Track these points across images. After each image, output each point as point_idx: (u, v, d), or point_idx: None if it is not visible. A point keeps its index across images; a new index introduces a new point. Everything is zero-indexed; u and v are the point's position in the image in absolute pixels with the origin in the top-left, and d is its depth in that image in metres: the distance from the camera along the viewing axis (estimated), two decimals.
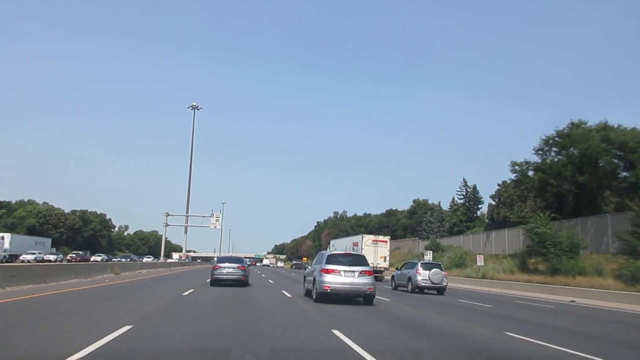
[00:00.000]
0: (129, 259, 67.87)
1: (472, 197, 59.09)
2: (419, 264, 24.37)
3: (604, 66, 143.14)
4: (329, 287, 14.10)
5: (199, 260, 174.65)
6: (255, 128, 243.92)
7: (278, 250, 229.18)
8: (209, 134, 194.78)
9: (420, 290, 23.66)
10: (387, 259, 41.18)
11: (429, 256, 43.72)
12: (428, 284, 23.32)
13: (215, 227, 54.23)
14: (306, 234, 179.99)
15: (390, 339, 8.37)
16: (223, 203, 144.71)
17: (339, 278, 14.16)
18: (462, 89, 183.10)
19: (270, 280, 30.89)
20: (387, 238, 43.10)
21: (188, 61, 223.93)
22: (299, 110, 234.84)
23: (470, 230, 55.87)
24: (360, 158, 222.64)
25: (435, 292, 23.66)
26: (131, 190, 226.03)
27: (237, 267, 21.39)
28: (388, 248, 41.89)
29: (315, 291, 14.82)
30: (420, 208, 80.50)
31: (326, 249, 50.22)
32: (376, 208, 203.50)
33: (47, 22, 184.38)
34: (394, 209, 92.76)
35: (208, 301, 13.97)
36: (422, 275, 23.33)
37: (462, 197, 61.21)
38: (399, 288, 25.65)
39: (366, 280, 14.35)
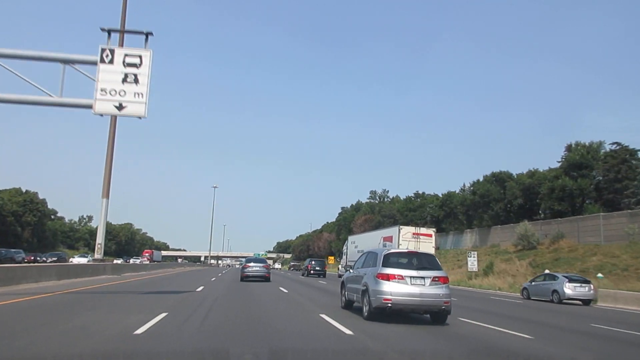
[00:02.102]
0: None
1: None
2: None
3: (604, 66, 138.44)
4: (390, 299, 10.32)
5: (180, 260, 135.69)
6: (254, 124, 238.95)
7: (281, 248, 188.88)
8: (207, 129, 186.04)
9: None
10: None
11: None
12: None
13: (120, 110, 12.42)
14: (319, 227, 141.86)
15: None
16: (214, 186, 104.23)
17: (404, 287, 10.44)
18: (461, 88, 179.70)
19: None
20: (431, 231, 34.24)
21: (186, 60, 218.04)
22: (296, 108, 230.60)
23: None
24: (361, 153, 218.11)
25: None
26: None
27: (262, 267, 27.83)
28: (433, 244, 32.63)
29: (368, 305, 10.83)
30: (594, 158, 40.68)
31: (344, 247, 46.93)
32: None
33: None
34: (505, 170, 52.70)
35: None
36: None
37: None
38: None
39: (440, 290, 10.63)
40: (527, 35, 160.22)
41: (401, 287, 10.36)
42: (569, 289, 21.38)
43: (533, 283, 24.58)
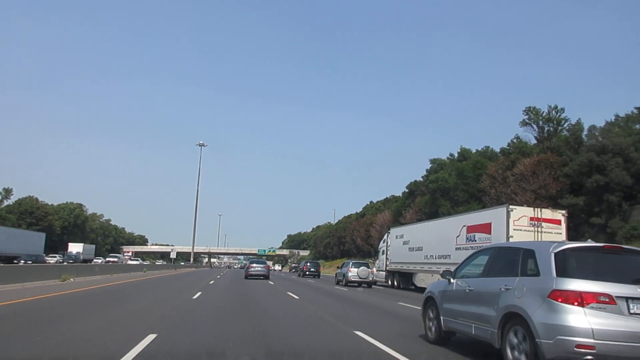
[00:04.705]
0: None
1: None
2: (350, 263, 29.80)
3: (603, 62, 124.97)
4: (592, 346, 4.67)
5: (127, 256, 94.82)
6: (254, 120, 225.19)
7: (293, 243, 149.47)
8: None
9: (358, 284, 27.75)
10: None
11: None
12: (357, 279, 27.68)
13: None
14: (343, 215, 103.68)
15: None
16: (201, 144, 66.56)
17: (618, 320, 4.83)
18: (461, 82, 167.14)
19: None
20: (560, 214, 20.12)
21: (183, 59, 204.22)
22: (295, 99, 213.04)
23: None
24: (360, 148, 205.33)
25: (365, 285, 27.68)
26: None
27: (263, 267, 34.08)
28: (564, 235, 19.63)
29: (528, 352, 5.17)
30: None
31: (381, 244, 35.29)
32: None
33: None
34: None
35: None
36: (352, 273, 28.13)
37: None
38: (339, 283, 29.78)
39: None
40: (526, 31, 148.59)
41: (612, 320, 4.80)
42: None
43: None
